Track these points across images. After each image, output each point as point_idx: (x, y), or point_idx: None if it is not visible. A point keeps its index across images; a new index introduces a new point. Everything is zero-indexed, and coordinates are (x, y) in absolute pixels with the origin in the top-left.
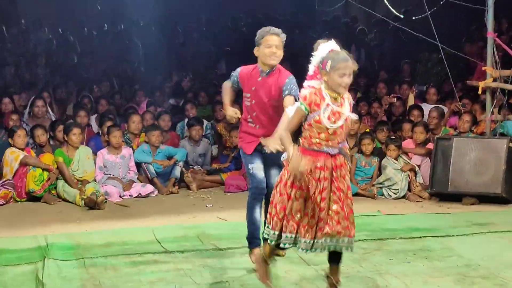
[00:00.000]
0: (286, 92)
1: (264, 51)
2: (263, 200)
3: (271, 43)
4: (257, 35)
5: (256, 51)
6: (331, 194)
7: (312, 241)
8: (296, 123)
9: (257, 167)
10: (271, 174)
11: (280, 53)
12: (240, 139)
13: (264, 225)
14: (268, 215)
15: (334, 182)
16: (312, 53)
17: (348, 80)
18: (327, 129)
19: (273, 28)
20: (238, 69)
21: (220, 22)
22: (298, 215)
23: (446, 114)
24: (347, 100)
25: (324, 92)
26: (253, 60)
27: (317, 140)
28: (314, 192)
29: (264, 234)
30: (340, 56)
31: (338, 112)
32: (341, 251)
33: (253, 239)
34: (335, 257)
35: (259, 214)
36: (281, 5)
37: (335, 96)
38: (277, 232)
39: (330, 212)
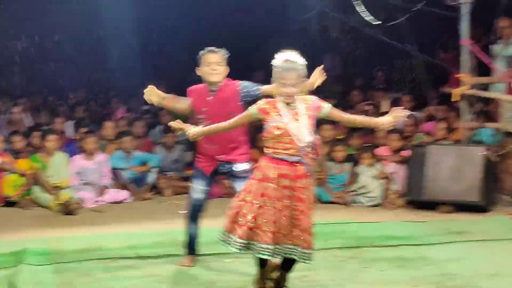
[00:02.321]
0: (248, 97)
1: (204, 70)
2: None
3: (210, 61)
4: (197, 56)
5: (198, 72)
6: (294, 203)
7: (274, 247)
8: (240, 122)
9: (196, 188)
10: (236, 188)
11: (222, 69)
12: (197, 160)
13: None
14: (229, 223)
15: (295, 192)
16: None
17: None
18: (278, 136)
19: (211, 47)
20: (189, 89)
21: (195, 31)
22: (272, 225)
23: (421, 119)
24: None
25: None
26: (240, 68)
27: (276, 149)
28: (279, 199)
29: (222, 241)
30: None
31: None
32: (298, 260)
33: (189, 250)
34: (288, 265)
35: (194, 227)
36: (252, 14)
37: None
38: (244, 241)
39: (293, 221)
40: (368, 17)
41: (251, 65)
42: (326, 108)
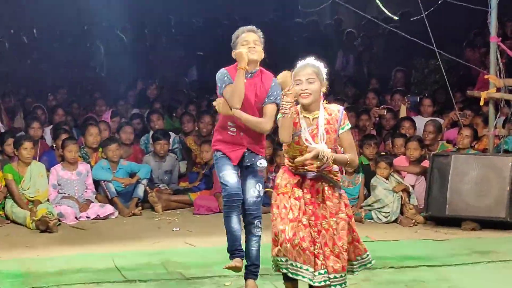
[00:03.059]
0: (272, 98)
1: (242, 49)
2: (240, 208)
3: (248, 39)
4: (232, 38)
5: (234, 54)
6: (320, 221)
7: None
8: (288, 125)
9: (228, 174)
10: (247, 187)
11: (260, 49)
12: (216, 146)
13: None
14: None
15: (315, 208)
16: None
17: (304, 86)
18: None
19: (247, 26)
20: (223, 70)
21: (192, 24)
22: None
23: (443, 125)
24: (328, 117)
25: (300, 112)
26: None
27: (291, 162)
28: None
29: (276, 268)
30: (302, 63)
31: (312, 136)
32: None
33: (233, 251)
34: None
35: (237, 223)
36: (261, 6)
37: (309, 115)
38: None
39: (317, 244)
40: (386, 10)
41: None
42: (347, 126)
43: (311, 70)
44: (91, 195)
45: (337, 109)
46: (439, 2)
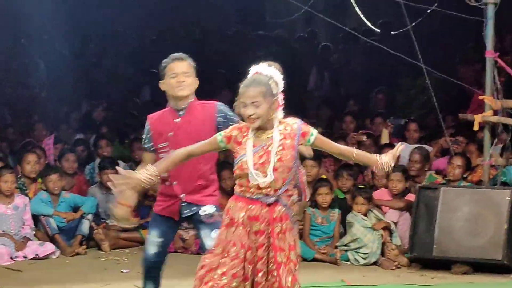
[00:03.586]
0: (227, 122)
1: (170, 83)
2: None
3: (176, 71)
4: (160, 67)
5: (162, 86)
6: (271, 253)
7: None
8: (203, 149)
9: (150, 241)
10: (202, 237)
11: (191, 81)
12: (155, 205)
13: None
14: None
15: (272, 239)
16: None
17: (249, 111)
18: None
19: (176, 54)
20: (147, 124)
21: (144, 37)
22: (243, 284)
23: (431, 153)
24: (284, 132)
25: (250, 130)
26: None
27: (247, 187)
28: (250, 248)
29: None
30: (245, 81)
31: (266, 153)
32: None
33: None
34: None
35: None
36: (223, 15)
37: (262, 135)
38: None
39: (269, 277)
40: (367, 21)
41: (215, 81)
42: (313, 135)
43: (255, 92)
44: (29, 231)
45: (294, 122)
46: (428, 11)
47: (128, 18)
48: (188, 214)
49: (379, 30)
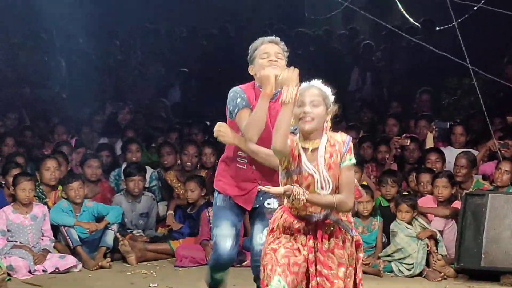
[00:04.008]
0: None
1: (261, 63)
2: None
3: (268, 51)
4: (249, 51)
5: (251, 70)
6: (316, 272)
7: None
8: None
9: (223, 235)
10: (254, 232)
11: (283, 64)
12: (219, 183)
13: None
14: None
15: (322, 256)
16: None
17: (307, 109)
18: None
19: (268, 37)
20: (237, 89)
21: (174, 34)
22: None
23: (478, 157)
24: (328, 149)
25: (298, 141)
26: (224, 84)
27: (293, 206)
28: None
29: None
30: (306, 84)
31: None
32: None
33: None
34: None
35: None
36: (258, 13)
37: (307, 145)
38: None
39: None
40: (411, 18)
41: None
42: (351, 160)
43: (317, 91)
44: (48, 243)
45: (342, 140)
46: (474, 8)
47: (158, 12)
48: (256, 205)
49: (419, 25)
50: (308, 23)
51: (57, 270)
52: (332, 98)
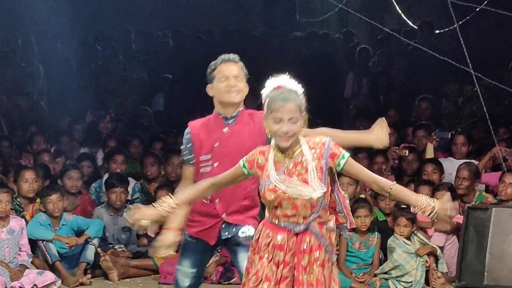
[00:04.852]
0: None
1: (219, 87)
2: None
3: (227, 74)
4: (208, 69)
5: (209, 90)
6: None
7: None
8: (227, 180)
9: (182, 272)
10: (239, 262)
11: (242, 86)
12: (189, 227)
13: None
14: None
15: (296, 273)
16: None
17: (286, 128)
18: (274, 201)
19: (227, 54)
20: (187, 134)
21: (158, 39)
22: None
23: (481, 164)
24: (313, 152)
25: (272, 151)
26: (204, 92)
27: (274, 214)
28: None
29: None
30: (280, 94)
31: (289, 175)
32: None
33: None
34: None
35: None
36: (249, 16)
37: (286, 155)
38: None
39: None
40: (408, 21)
41: None
42: (344, 157)
43: (294, 105)
44: (26, 258)
45: (321, 141)
46: (477, 9)
47: (140, 16)
48: (226, 237)
49: (416, 27)
50: (301, 26)
51: (35, 287)
52: (304, 101)
